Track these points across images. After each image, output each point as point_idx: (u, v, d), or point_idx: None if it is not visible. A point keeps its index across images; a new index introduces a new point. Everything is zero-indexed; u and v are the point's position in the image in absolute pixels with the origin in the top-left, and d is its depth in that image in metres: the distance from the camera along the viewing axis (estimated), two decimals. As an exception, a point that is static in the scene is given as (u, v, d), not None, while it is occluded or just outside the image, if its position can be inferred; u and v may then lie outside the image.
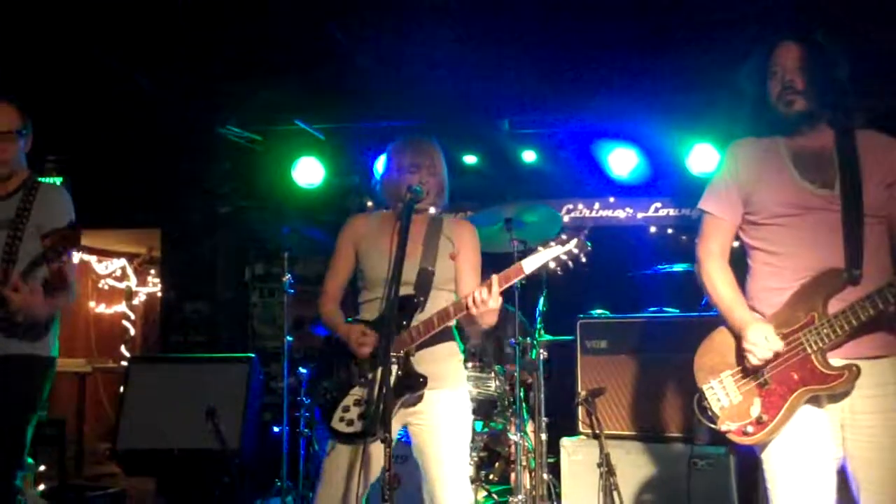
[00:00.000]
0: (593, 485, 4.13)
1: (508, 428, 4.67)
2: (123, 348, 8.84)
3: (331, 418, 3.10)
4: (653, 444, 4.48)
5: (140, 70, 5.27)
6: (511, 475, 4.70)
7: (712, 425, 2.63)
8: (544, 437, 4.52)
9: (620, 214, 6.73)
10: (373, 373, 3.07)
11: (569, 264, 2.95)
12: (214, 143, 6.55)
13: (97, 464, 7.41)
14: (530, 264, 2.96)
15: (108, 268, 8.94)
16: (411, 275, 3.13)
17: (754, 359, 2.54)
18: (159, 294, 7.97)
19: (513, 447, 4.53)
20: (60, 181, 6.52)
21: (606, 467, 4.06)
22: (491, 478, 4.80)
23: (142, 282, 9.15)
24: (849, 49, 2.63)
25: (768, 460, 2.58)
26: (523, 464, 4.45)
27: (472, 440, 4.46)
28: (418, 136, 3.34)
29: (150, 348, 8.71)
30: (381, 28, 4.75)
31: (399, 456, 3.84)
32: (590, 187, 6.62)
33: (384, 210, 3.39)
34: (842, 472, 2.56)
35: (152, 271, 8.98)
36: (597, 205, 6.77)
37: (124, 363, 7.41)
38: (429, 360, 3.10)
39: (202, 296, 7.12)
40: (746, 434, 2.57)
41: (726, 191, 2.72)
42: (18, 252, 3.18)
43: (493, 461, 4.89)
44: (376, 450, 2.91)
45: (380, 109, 5.84)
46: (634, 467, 4.42)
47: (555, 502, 4.56)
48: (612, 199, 6.73)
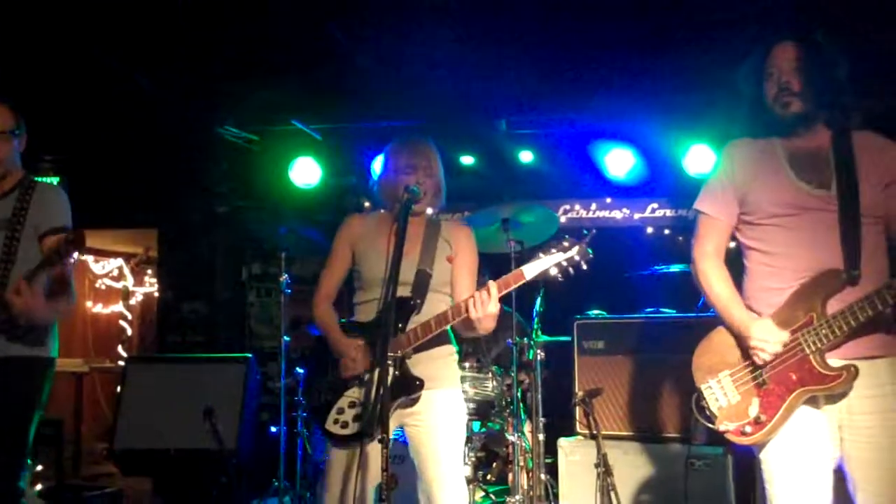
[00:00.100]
0: (591, 485, 4.13)
1: (506, 428, 4.66)
2: (120, 348, 8.82)
3: (325, 420, 3.09)
4: (650, 444, 4.49)
5: (139, 70, 5.26)
6: (508, 475, 4.69)
7: (710, 425, 2.63)
8: (542, 437, 4.51)
9: (617, 215, 6.73)
10: (368, 374, 3.07)
11: (569, 270, 2.93)
12: (212, 143, 6.54)
13: (94, 464, 7.38)
14: (531, 270, 2.94)
15: (105, 268, 8.92)
16: (409, 275, 3.12)
17: (765, 354, 2.53)
18: (156, 294, 7.96)
19: (510, 447, 4.52)
20: (57, 181, 6.51)
21: (604, 467, 4.05)
22: (488, 478, 4.80)
23: (139, 282, 9.13)
24: (848, 49, 2.62)
25: (766, 460, 2.58)
26: (521, 464, 4.45)
27: (470, 440, 4.46)
28: (415, 137, 3.33)
29: (147, 348, 8.68)
30: (381, 28, 4.74)
31: (396, 456, 3.84)
32: (587, 188, 6.61)
33: (381, 210, 3.38)
34: (837, 472, 2.56)
35: (149, 271, 8.96)
36: (594, 205, 6.76)
37: (121, 363, 7.43)
38: (424, 360, 3.10)
39: (199, 296, 7.10)
40: (744, 434, 2.57)
41: (722, 191, 2.72)
42: (17, 252, 3.17)
43: (490, 461, 4.88)
44: (374, 451, 2.92)
45: (379, 109, 5.83)
46: (632, 467, 4.43)
47: (552, 502, 4.56)
48: (609, 200, 6.72)
